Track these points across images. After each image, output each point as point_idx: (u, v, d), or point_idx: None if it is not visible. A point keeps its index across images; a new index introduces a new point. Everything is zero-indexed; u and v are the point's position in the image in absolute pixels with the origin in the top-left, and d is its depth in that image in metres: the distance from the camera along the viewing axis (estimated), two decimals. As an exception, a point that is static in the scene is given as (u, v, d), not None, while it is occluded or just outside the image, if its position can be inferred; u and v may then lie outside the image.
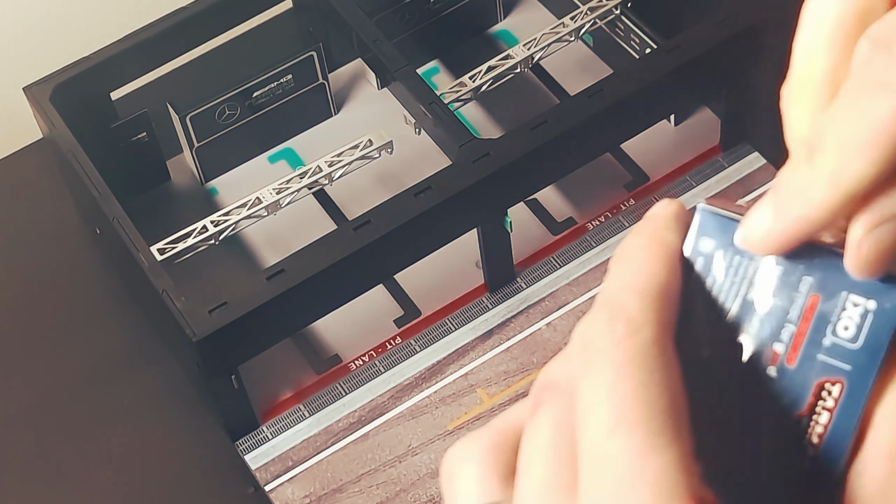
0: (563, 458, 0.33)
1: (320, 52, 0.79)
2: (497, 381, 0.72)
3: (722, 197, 0.77)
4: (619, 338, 0.32)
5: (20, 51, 0.96)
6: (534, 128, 0.70)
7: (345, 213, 0.78)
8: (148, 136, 0.78)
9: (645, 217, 0.35)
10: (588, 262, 0.76)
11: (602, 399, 0.32)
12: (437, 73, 0.85)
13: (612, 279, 0.34)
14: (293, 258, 0.68)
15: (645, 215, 0.35)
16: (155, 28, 0.77)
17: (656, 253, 0.34)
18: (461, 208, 0.70)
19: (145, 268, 0.68)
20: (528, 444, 0.34)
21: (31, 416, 0.74)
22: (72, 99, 0.75)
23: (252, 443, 0.71)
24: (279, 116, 0.80)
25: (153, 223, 0.75)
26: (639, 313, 0.33)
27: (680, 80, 0.73)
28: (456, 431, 0.71)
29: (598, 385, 0.32)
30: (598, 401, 0.32)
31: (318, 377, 0.73)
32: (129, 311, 0.77)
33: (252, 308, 0.66)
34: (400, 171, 0.79)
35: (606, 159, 0.79)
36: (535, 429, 0.34)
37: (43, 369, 0.76)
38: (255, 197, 0.73)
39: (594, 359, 0.32)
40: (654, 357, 0.32)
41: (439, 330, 0.74)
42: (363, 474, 0.70)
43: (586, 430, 0.32)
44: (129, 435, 0.73)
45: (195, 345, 0.66)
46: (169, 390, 0.74)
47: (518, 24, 0.87)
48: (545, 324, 0.74)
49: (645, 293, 0.33)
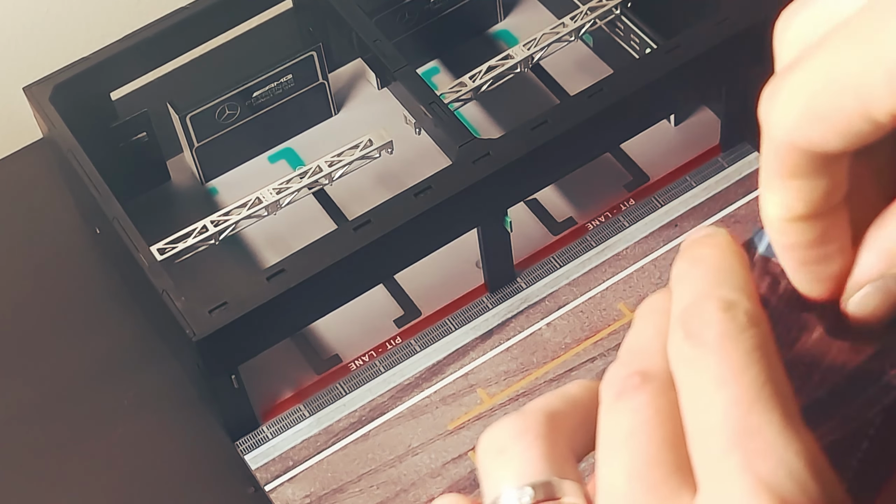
0: (662, 441, 0.33)
1: (320, 52, 0.79)
2: (497, 381, 0.72)
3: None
4: (743, 326, 0.32)
5: (20, 51, 0.96)
6: (534, 128, 0.70)
7: (345, 213, 0.78)
8: (148, 136, 0.78)
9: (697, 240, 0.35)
10: (588, 262, 0.76)
11: (733, 379, 0.32)
12: (437, 73, 0.85)
13: (703, 279, 0.34)
14: (293, 258, 0.68)
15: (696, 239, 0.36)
16: (155, 28, 0.77)
17: (741, 256, 0.34)
18: (461, 208, 0.70)
19: (145, 268, 0.68)
20: (614, 429, 0.33)
21: (31, 416, 0.74)
22: (72, 99, 0.75)
23: (252, 443, 0.71)
24: (279, 116, 0.80)
25: (153, 223, 0.75)
26: (754, 308, 0.33)
27: (680, 80, 0.73)
28: (456, 431, 0.71)
29: (724, 366, 0.32)
30: (730, 379, 0.32)
31: (318, 377, 0.73)
32: (129, 311, 0.77)
33: (252, 308, 0.66)
34: (400, 171, 0.79)
35: (606, 159, 0.79)
36: (622, 413, 0.34)
37: (43, 369, 0.76)
38: (255, 197, 0.73)
39: (715, 344, 0.32)
40: (775, 350, 0.32)
41: (439, 330, 0.74)
42: (363, 474, 0.70)
43: (714, 407, 0.32)
44: (129, 435, 0.73)
45: (195, 345, 0.66)
46: (169, 390, 0.74)
47: (518, 24, 0.87)
48: (545, 324, 0.74)
49: (750, 294, 0.33)
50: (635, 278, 0.75)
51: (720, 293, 0.33)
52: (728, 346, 0.32)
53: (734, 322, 0.32)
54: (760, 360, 0.32)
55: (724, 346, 0.32)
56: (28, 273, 0.80)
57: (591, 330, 0.73)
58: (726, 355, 0.32)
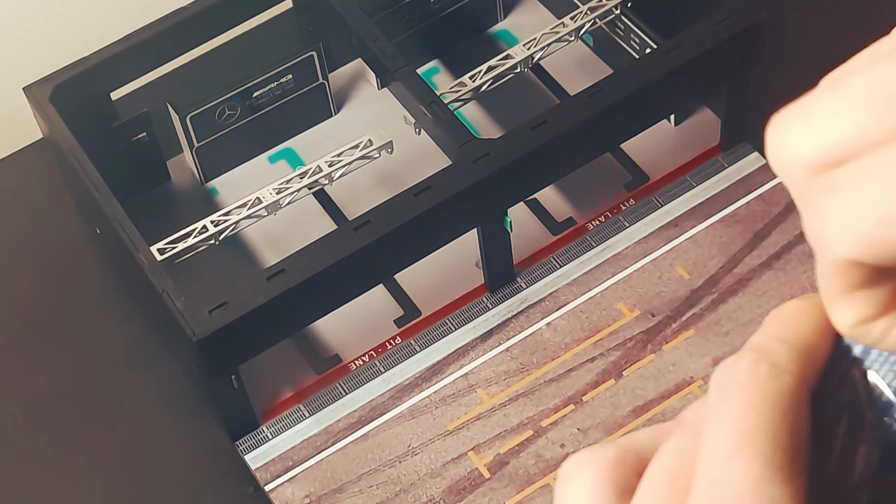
0: (678, 482, 0.34)
1: (320, 52, 0.79)
2: (497, 381, 0.72)
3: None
4: (760, 378, 0.33)
5: (20, 51, 0.96)
6: (534, 128, 0.70)
7: (345, 213, 0.78)
8: (148, 136, 0.78)
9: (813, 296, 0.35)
10: (588, 262, 0.76)
11: (729, 427, 0.32)
12: (437, 73, 0.85)
13: (765, 330, 0.34)
14: (293, 258, 0.68)
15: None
16: (155, 28, 0.77)
17: (814, 314, 0.34)
18: (461, 208, 0.70)
19: (145, 268, 0.68)
20: (652, 467, 0.35)
21: (31, 416, 0.74)
22: (72, 99, 0.75)
23: (252, 443, 0.71)
24: (279, 116, 0.80)
25: (153, 223, 0.75)
26: (784, 361, 0.33)
27: (680, 80, 0.73)
28: (456, 431, 0.71)
29: (728, 414, 0.32)
30: (726, 428, 0.32)
31: (318, 377, 0.73)
32: (129, 311, 0.77)
33: (252, 308, 0.66)
34: (400, 171, 0.79)
35: (606, 159, 0.79)
36: (661, 453, 0.35)
37: (43, 369, 0.76)
38: (255, 197, 0.73)
39: (730, 393, 0.33)
40: (790, 403, 0.33)
41: (439, 330, 0.74)
42: (363, 474, 0.70)
43: (707, 452, 0.33)
44: (129, 435, 0.73)
45: (195, 345, 0.66)
46: (169, 390, 0.74)
47: (518, 24, 0.87)
48: (545, 324, 0.74)
49: (794, 345, 0.33)
50: (635, 278, 0.75)
51: (766, 345, 0.33)
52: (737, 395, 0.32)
53: (753, 375, 0.33)
54: (764, 411, 0.32)
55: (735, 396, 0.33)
56: (28, 273, 0.80)
57: (591, 330, 0.73)
58: (733, 404, 0.32)
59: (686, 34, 0.73)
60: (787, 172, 0.31)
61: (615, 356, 0.72)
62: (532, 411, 0.71)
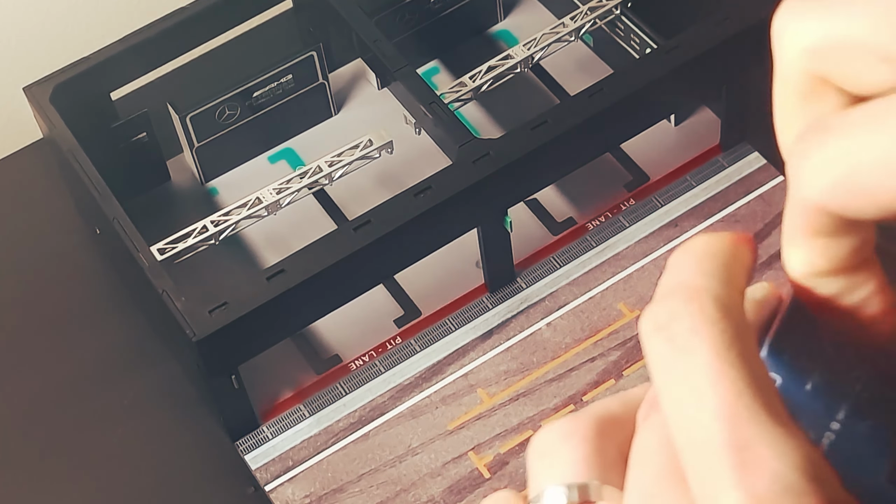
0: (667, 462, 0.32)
1: (320, 52, 0.79)
2: (497, 381, 0.72)
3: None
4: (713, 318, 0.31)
5: (20, 51, 0.96)
6: (534, 128, 0.70)
7: (345, 213, 0.78)
8: (148, 136, 0.78)
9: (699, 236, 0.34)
10: (588, 262, 0.76)
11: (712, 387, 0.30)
12: (437, 73, 0.85)
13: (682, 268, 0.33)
14: (293, 258, 0.68)
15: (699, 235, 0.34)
16: (155, 28, 0.77)
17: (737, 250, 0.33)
18: (461, 208, 0.70)
19: (145, 268, 0.68)
20: (647, 436, 0.33)
21: (31, 416, 0.74)
22: (72, 99, 0.75)
23: (252, 443, 0.71)
24: (279, 116, 0.80)
25: (153, 223, 0.75)
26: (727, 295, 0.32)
27: (680, 80, 0.73)
28: (456, 431, 0.71)
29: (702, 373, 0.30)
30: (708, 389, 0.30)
31: (318, 377, 0.73)
32: (129, 311, 0.77)
33: (252, 308, 0.66)
34: (400, 171, 0.79)
35: (606, 159, 0.79)
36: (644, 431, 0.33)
37: (43, 369, 0.76)
38: (255, 197, 0.73)
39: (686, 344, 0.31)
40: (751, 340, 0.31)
41: (439, 330, 0.74)
42: (363, 474, 0.70)
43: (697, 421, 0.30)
44: (129, 435, 0.73)
45: (195, 345, 0.66)
46: (169, 390, 0.74)
47: (518, 24, 0.87)
48: (545, 324, 0.74)
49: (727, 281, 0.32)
50: (635, 278, 0.75)
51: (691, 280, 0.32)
52: (701, 345, 0.30)
53: (703, 314, 0.31)
54: (738, 358, 0.30)
55: (697, 347, 0.30)
56: (28, 273, 0.80)
57: (591, 330, 0.73)
58: (702, 358, 0.30)
59: (686, 34, 0.73)
60: (784, 54, 0.31)
61: (615, 356, 0.72)
62: (532, 411, 0.71)
